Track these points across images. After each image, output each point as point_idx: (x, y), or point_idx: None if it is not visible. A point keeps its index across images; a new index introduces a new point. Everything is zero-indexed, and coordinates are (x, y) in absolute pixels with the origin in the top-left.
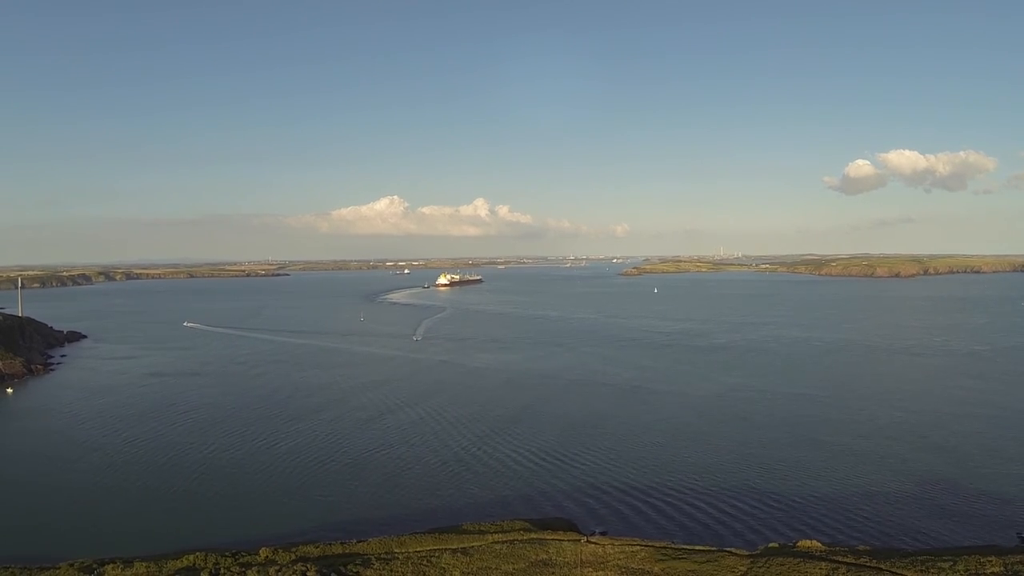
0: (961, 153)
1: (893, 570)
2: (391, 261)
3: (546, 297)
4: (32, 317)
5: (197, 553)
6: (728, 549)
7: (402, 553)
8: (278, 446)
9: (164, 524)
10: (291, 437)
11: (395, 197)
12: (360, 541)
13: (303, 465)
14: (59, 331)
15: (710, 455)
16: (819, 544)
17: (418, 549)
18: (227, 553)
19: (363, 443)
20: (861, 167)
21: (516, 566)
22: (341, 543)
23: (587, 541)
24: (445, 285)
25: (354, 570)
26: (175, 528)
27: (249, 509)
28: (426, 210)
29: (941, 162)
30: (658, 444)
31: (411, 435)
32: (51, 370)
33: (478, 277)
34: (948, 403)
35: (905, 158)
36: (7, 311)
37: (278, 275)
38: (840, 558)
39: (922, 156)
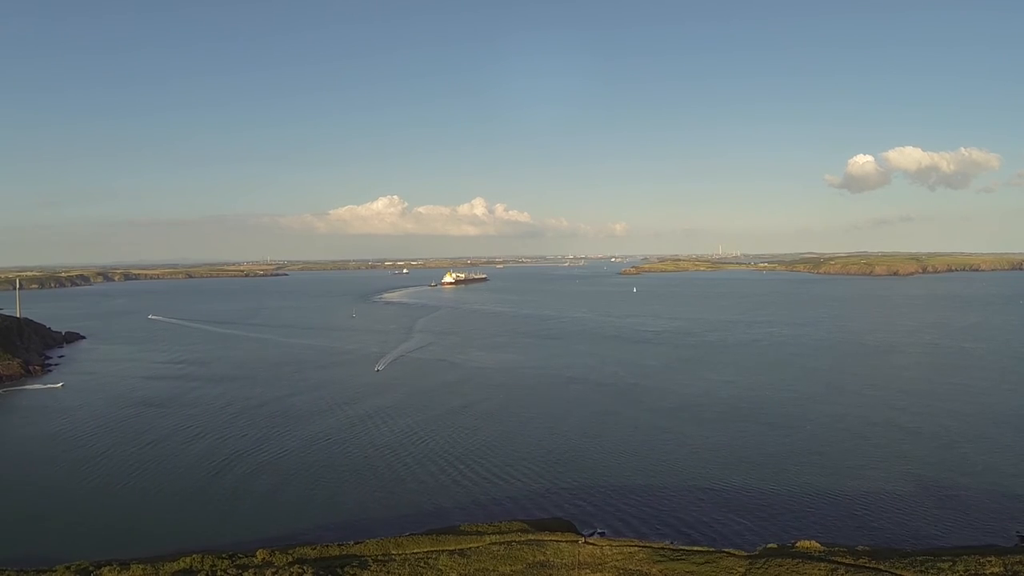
0: (963, 150)
1: (892, 570)
2: (390, 261)
3: (545, 296)
4: (30, 318)
5: (194, 555)
6: (726, 550)
7: (399, 554)
8: (274, 447)
9: (161, 526)
10: (288, 438)
11: (393, 197)
12: (357, 543)
13: (300, 466)
14: (57, 332)
15: (707, 455)
16: (818, 545)
17: (415, 550)
18: (224, 555)
19: (360, 444)
20: (863, 164)
21: (514, 567)
22: (338, 544)
23: (585, 542)
24: (451, 284)
25: (351, 572)
26: (172, 530)
27: (246, 511)
28: (423, 209)
29: (945, 159)
30: (655, 444)
31: (407, 435)
32: (49, 371)
33: (483, 276)
34: (944, 401)
35: (909, 155)
36: (5, 312)
37: (276, 275)
38: (839, 558)
39: (926, 153)
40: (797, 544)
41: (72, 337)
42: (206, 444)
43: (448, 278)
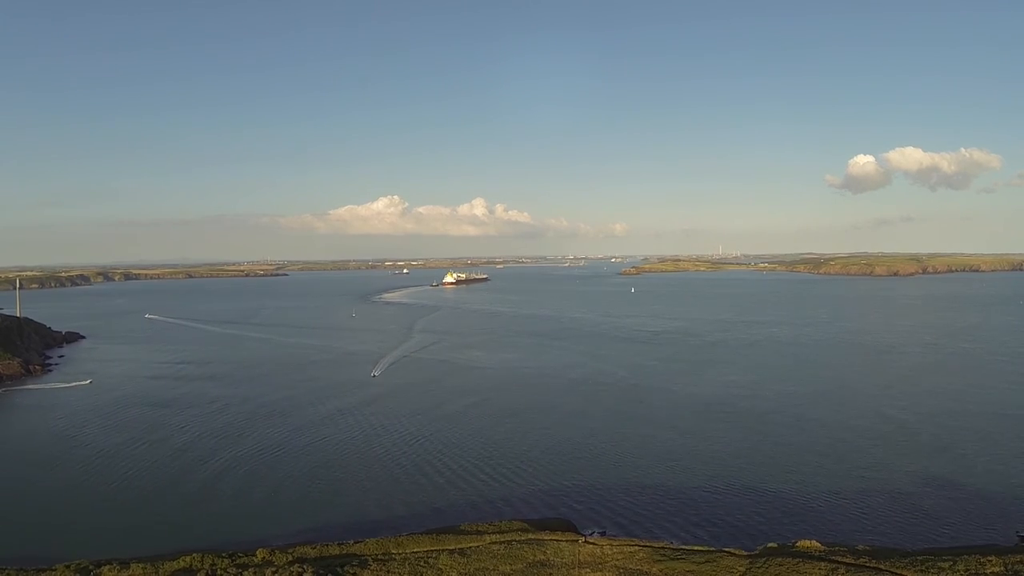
0: (964, 151)
1: (893, 570)
2: (390, 261)
3: (545, 296)
4: (30, 318)
5: (194, 554)
6: (727, 549)
7: (399, 554)
8: (275, 447)
9: (161, 525)
10: (288, 438)
11: (393, 197)
12: (357, 542)
13: (299, 466)
14: (57, 332)
15: (707, 455)
16: (818, 544)
17: (415, 550)
18: (224, 554)
19: (360, 443)
20: (864, 164)
21: (514, 567)
22: (338, 544)
23: (585, 541)
24: (452, 284)
25: (351, 571)
26: (172, 529)
27: (246, 510)
28: (423, 210)
29: (946, 160)
30: (655, 444)
31: (408, 436)
32: (49, 371)
33: (484, 276)
34: (944, 401)
35: (909, 156)
36: (5, 312)
37: (277, 275)
38: (839, 558)
39: (926, 154)
40: (797, 544)
41: (72, 337)
42: (205, 443)
43: (449, 278)
